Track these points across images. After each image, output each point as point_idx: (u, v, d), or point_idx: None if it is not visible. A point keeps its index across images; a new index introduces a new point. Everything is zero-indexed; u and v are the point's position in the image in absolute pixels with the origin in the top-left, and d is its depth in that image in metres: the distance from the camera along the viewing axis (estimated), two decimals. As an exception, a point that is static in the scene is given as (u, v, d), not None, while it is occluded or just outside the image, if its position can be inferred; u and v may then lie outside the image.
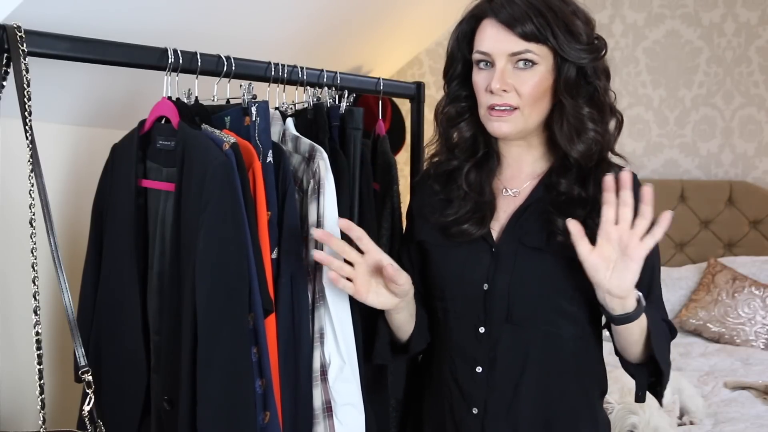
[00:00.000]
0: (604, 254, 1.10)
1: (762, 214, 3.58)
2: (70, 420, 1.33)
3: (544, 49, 1.19)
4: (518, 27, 1.17)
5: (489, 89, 1.20)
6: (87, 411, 1.11)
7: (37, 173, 1.09)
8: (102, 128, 1.65)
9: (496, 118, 1.21)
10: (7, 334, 1.47)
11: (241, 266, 1.15)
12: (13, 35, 1.09)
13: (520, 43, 1.18)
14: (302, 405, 1.26)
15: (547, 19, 1.17)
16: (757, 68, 3.69)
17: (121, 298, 1.29)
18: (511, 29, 1.18)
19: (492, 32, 1.20)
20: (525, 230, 1.25)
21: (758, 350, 3.06)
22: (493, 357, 1.25)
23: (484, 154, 1.30)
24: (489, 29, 1.20)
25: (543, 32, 1.17)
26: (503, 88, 1.19)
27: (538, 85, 1.20)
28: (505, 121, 1.21)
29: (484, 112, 1.23)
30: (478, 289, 1.25)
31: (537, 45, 1.18)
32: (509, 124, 1.21)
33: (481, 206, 1.27)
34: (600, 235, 1.10)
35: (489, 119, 1.22)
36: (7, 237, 1.44)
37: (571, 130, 1.22)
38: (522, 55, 1.18)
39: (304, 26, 2.26)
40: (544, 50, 1.19)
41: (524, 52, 1.18)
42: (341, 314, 1.28)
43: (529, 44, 1.18)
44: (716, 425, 2.30)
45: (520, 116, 1.21)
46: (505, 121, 1.21)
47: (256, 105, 1.26)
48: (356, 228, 1.17)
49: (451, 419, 1.29)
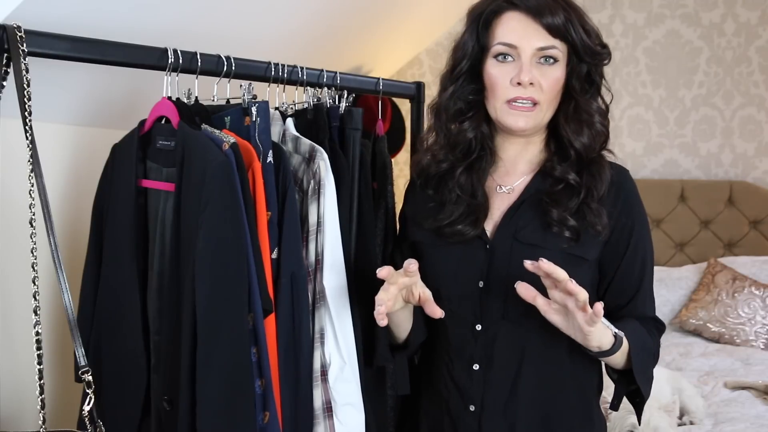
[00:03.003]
0: (559, 313, 1.13)
1: (762, 214, 3.57)
2: (70, 420, 1.34)
3: (565, 46, 1.21)
4: (548, 16, 1.18)
5: (516, 81, 1.20)
6: (87, 411, 1.11)
7: (37, 173, 1.09)
8: (102, 128, 1.66)
9: (517, 112, 1.22)
10: (7, 334, 1.47)
11: (241, 266, 1.15)
12: (13, 35, 1.09)
13: (547, 39, 1.19)
14: (302, 405, 1.26)
15: (570, 14, 1.19)
16: (757, 68, 3.68)
17: (121, 298, 1.29)
18: (539, 19, 1.18)
19: (518, 24, 1.20)
20: (519, 226, 1.25)
21: (758, 350, 3.05)
22: (489, 354, 1.25)
23: (478, 155, 1.30)
24: (514, 21, 1.21)
25: (567, 26, 1.19)
26: (531, 81, 1.19)
27: (559, 81, 1.22)
28: (525, 116, 1.22)
29: (500, 105, 1.23)
30: (473, 287, 1.25)
31: (560, 42, 1.20)
32: (528, 119, 1.22)
33: (474, 208, 1.27)
34: (551, 298, 1.13)
35: (508, 112, 1.22)
36: (7, 237, 1.44)
37: (580, 125, 1.24)
38: (547, 51, 1.20)
39: (304, 26, 2.26)
40: (565, 48, 1.22)
41: (550, 48, 1.20)
42: (341, 314, 1.28)
43: (555, 40, 1.20)
44: (716, 425, 2.30)
45: (539, 112, 1.22)
46: (525, 116, 1.22)
47: (256, 105, 1.26)
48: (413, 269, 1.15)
49: (448, 417, 1.29)
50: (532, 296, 1.13)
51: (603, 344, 1.15)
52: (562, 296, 1.10)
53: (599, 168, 1.25)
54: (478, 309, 1.25)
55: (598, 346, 1.15)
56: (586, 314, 1.08)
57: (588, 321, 1.09)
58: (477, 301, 1.25)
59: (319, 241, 1.28)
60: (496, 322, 1.24)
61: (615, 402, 1.29)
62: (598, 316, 1.08)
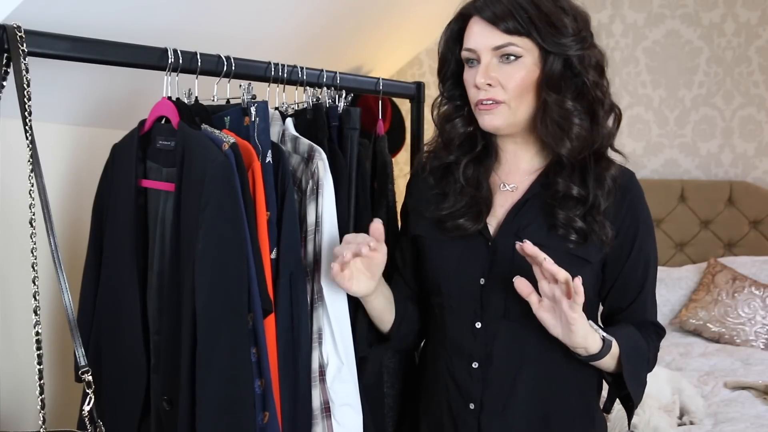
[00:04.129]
0: (549, 310, 1.14)
1: (762, 214, 3.57)
2: (70, 420, 1.34)
3: (528, 42, 1.20)
4: (501, 24, 1.19)
5: (475, 85, 1.22)
6: (87, 411, 1.11)
7: (37, 173, 1.09)
8: (102, 128, 1.66)
9: (485, 112, 1.23)
10: (7, 334, 1.47)
11: (241, 266, 1.15)
12: (13, 35, 1.09)
13: (503, 37, 1.20)
14: (301, 405, 1.26)
15: (530, 13, 1.19)
16: (757, 68, 3.69)
17: (121, 298, 1.29)
18: (494, 26, 1.20)
19: (477, 29, 1.22)
20: (523, 224, 1.25)
21: (758, 350, 3.06)
22: (489, 353, 1.25)
23: (483, 150, 1.31)
24: (474, 27, 1.23)
25: (525, 26, 1.19)
26: (487, 82, 1.21)
27: (524, 78, 1.21)
28: (493, 114, 1.23)
29: (473, 107, 1.26)
30: (474, 284, 1.25)
31: (520, 38, 1.20)
32: (498, 117, 1.23)
33: (477, 201, 1.27)
34: (541, 292, 1.14)
35: (479, 113, 1.25)
36: (7, 237, 1.44)
37: (554, 125, 1.22)
38: (505, 49, 1.20)
39: (304, 26, 2.26)
40: (528, 43, 1.20)
41: (507, 46, 1.20)
42: (339, 314, 1.28)
43: (511, 38, 1.20)
44: (716, 425, 2.30)
45: (507, 109, 1.23)
46: (493, 114, 1.23)
47: (255, 105, 1.26)
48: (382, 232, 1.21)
49: (448, 415, 1.29)
50: (528, 292, 1.14)
51: (590, 347, 1.16)
52: (550, 287, 1.12)
53: (602, 175, 1.24)
54: (478, 307, 1.25)
55: (585, 347, 1.16)
56: (569, 300, 1.10)
57: (571, 306, 1.10)
58: (478, 298, 1.25)
59: (317, 241, 1.28)
60: (496, 321, 1.24)
61: (607, 404, 1.31)
62: (579, 293, 1.09)
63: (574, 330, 1.12)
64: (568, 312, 1.10)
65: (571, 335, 1.13)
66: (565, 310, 1.10)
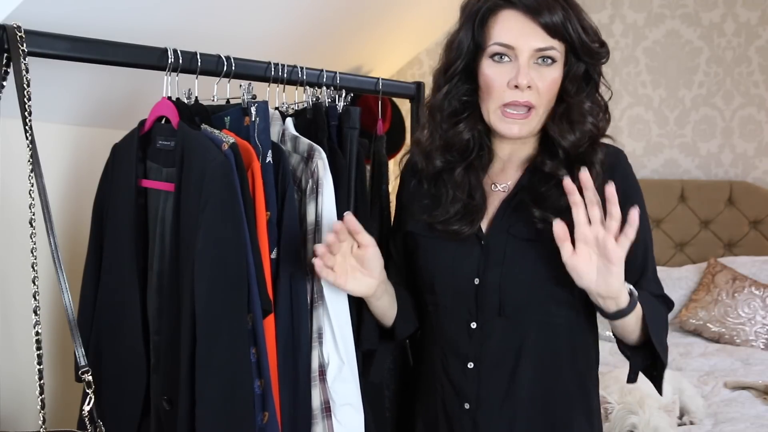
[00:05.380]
0: (584, 257, 1.08)
1: (762, 214, 3.57)
2: (70, 420, 1.34)
3: (563, 46, 1.18)
4: (546, 15, 1.14)
5: (513, 84, 1.16)
6: (87, 411, 1.11)
7: (37, 173, 1.09)
8: (102, 128, 1.66)
9: (511, 120, 1.18)
10: (7, 334, 1.47)
11: (240, 266, 1.15)
12: (13, 35, 1.09)
13: (546, 39, 1.15)
14: (301, 405, 1.26)
15: (568, 12, 1.16)
16: (757, 68, 3.68)
17: (121, 298, 1.29)
18: (536, 18, 1.14)
19: (515, 24, 1.16)
20: (513, 221, 1.23)
21: (758, 350, 3.05)
22: (484, 352, 1.24)
23: (478, 154, 1.27)
24: (511, 21, 1.17)
25: (565, 25, 1.15)
26: (529, 84, 1.16)
27: (556, 82, 1.19)
28: (519, 123, 1.18)
29: (494, 109, 1.19)
30: (469, 284, 1.24)
31: (558, 42, 1.17)
32: (522, 127, 1.19)
33: (470, 209, 1.24)
34: (577, 239, 1.08)
35: (501, 119, 1.19)
36: (7, 237, 1.44)
37: (569, 124, 1.20)
38: (546, 52, 1.16)
39: (304, 26, 2.26)
40: (562, 48, 1.18)
41: (548, 49, 1.16)
42: (340, 314, 1.28)
43: (553, 40, 1.16)
44: (716, 425, 2.30)
45: (535, 116, 1.19)
46: (519, 123, 1.18)
47: (255, 105, 1.26)
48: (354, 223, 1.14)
49: (443, 414, 1.28)
50: (564, 238, 1.08)
51: (621, 298, 1.11)
52: (592, 229, 1.05)
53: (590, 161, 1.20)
54: (473, 306, 1.24)
55: (617, 297, 1.10)
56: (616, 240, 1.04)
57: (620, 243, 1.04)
58: (473, 298, 1.24)
59: (317, 241, 1.28)
60: (491, 320, 1.23)
61: (632, 375, 1.23)
62: (633, 224, 1.03)
63: (615, 272, 1.06)
64: (614, 251, 1.05)
65: (609, 278, 1.07)
66: (611, 250, 1.04)
